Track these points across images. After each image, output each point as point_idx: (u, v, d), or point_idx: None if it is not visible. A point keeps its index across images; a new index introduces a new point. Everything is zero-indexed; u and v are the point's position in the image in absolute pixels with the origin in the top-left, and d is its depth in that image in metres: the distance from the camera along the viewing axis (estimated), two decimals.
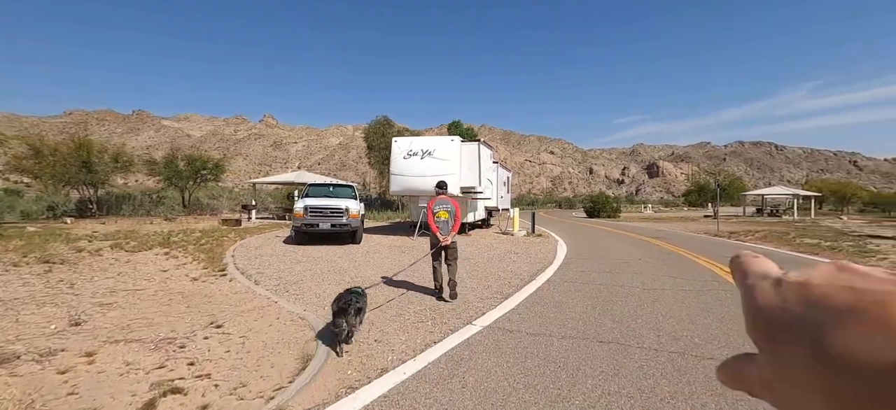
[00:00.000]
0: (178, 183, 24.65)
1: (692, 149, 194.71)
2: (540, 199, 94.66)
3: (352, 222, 11.53)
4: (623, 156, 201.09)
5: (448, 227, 5.77)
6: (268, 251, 10.15)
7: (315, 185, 13.59)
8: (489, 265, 8.83)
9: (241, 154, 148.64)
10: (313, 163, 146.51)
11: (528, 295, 6.11)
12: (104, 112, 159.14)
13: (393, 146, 14.50)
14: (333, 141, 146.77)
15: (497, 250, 11.31)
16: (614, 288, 6.56)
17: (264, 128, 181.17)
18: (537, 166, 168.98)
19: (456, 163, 13.74)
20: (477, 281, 7.11)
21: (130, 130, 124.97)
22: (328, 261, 8.86)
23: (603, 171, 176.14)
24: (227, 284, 6.54)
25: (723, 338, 4.17)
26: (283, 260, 8.92)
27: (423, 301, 5.74)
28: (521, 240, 13.96)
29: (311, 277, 7.14)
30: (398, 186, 14.20)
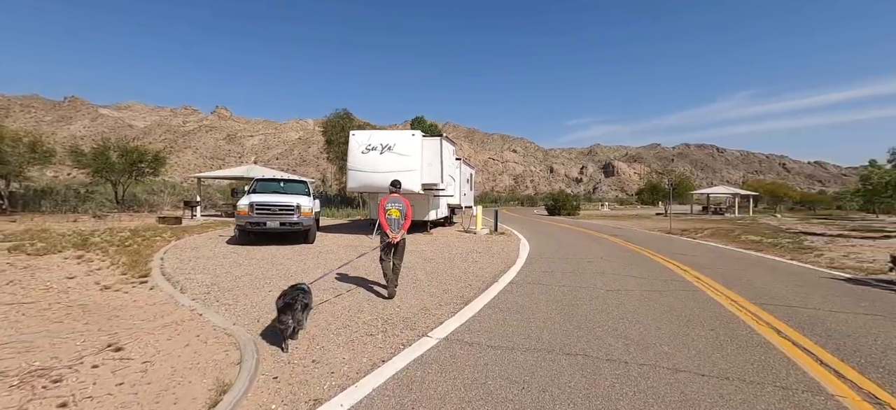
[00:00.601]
0: (110, 176, 22.25)
1: (644, 150, 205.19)
2: (503, 197, 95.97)
3: (304, 220, 10.68)
4: (581, 156, 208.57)
5: (398, 225, 5.82)
6: (206, 252, 9.13)
7: (264, 180, 12.52)
8: (450, 265, 8.39)
9: (191, 147, 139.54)
10: (271, 158, 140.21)
11: (490, 299, 5.70)
12: (30, 98, 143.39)
13: (350, 140, 13.71)
14: (293, 135, 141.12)
15: (459, 249, 10.91)
16: (578, 289, 6.31)
17: (217, 120, 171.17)
18: (500, 164, 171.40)
19: (417, 158, 13.19)
20: (436, 284, 6.62)
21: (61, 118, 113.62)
22: (274, 263, 8.04)
23: (563, 170, 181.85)
24: (146, 293, 5.63)
25: (691, 344, 3.95)
26: (221, 262, 7.99)
27: (375, 307, 5.18)
28: (484, 239, 13.67)
29: (250, 283, 6.34)
30: (356, 182, 13.44)
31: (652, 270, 8.14)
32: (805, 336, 4.24)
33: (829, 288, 6.78)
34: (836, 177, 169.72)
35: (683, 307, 5.31)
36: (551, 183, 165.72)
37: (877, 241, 14.75)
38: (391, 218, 5.82)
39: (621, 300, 5.67)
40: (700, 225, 21.87)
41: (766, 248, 12.46)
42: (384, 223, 5.81)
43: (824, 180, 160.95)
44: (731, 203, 45.43)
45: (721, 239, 14.97)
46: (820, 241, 14.63)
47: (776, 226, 22.15)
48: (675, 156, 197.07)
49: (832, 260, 10.09)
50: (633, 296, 5.87)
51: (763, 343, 4.02)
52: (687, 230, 18.70)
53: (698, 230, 18.74)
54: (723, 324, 4.57)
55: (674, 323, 4.63)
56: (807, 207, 50.31)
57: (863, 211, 37.85)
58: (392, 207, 5.88)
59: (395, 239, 5.73)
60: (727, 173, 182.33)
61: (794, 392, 2.99)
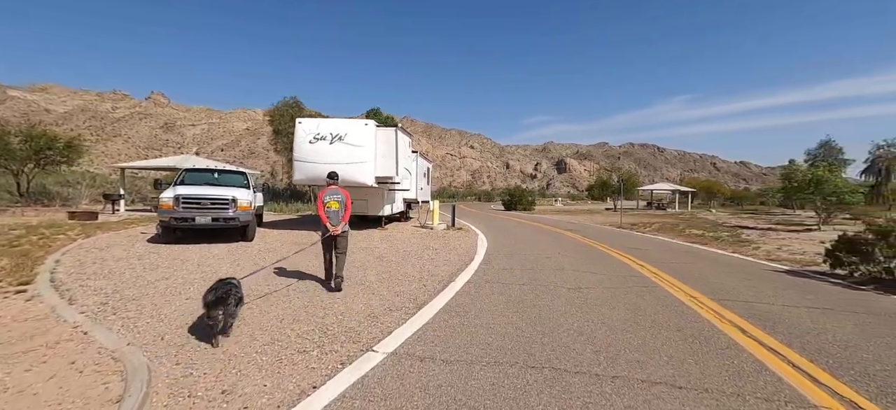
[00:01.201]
0: (9, 165, 19.22)
1: (594, 149, 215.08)
2: (460, 192, 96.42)
3: (241, 216, 9.55)
4: (536, 153, 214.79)
5: (339, 217, 5.80)
6: (117, 253, 7.83)
7: (194, 170, 11.10)
8: (404, 264, 7.78)
9: (121, 135, 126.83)
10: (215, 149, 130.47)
11: (445, 302, 5.18)
12: None
13: (297, 128, 12.59)
14: (240, 125, 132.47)
15: (414, 245, 10.31)
16: (540, 288, 5.96)
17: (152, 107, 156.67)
18: (458, 160, 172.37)
19: (370, 149, 12.38)
20: (387, 286, 6.00)
21: None
22: (201, 265, 7.00)
23: (518, 166, 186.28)
24: (20, 305, 4.51)
25: (662, 350, 3.66)
26: (132, 265, 6.82)
27: (314, 313, 4.47)
28: (441, 234, 13.17)
29: (164, 290, 5.36)
30: (302, 174, 12.38)
31: (610, 266, 8.03)
32: (769, 334, 4.11)
33: (774, 281, 6.97)
34: (758, 175, 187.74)
35: (647, 306, 5.09)
36: (507, 178, 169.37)
37: (800, 234, 16.04)
38: (331, 210, 5.78)
39: (584, 299, 5.38)
40: (647, 220, 22.87)
41: (710, 242, 13.03)
42: (323, 216, 5.76)
43: (748, 178, 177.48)
44: (671, 199, 48.54)
45: (668, 234, 15.57)
46: (754, 235, 15.66)
47: (713, 221, 23.69)
48: (621, 154, 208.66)
49: (769, 253, 10.65)
50: (595, 295, 5.60)
51: (731, 344, 3.83)
52: (636, 225, 19.39)
53: (646, 224, 19.50)
54: (689, 325, 4.36)
55: (641, 324, 4.36)
56: (735, 203, 54.96)
57: (782, 207, 41.91)
58: (331, 199, 5.83)
59: (335, 231, 5.69)
60: (667, 171, 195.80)
61: (777, 404, 2.74)
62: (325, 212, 5.77)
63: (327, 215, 5.76)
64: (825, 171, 17.90)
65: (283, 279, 6.18)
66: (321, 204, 5.82)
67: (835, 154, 39.25)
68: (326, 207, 5.79)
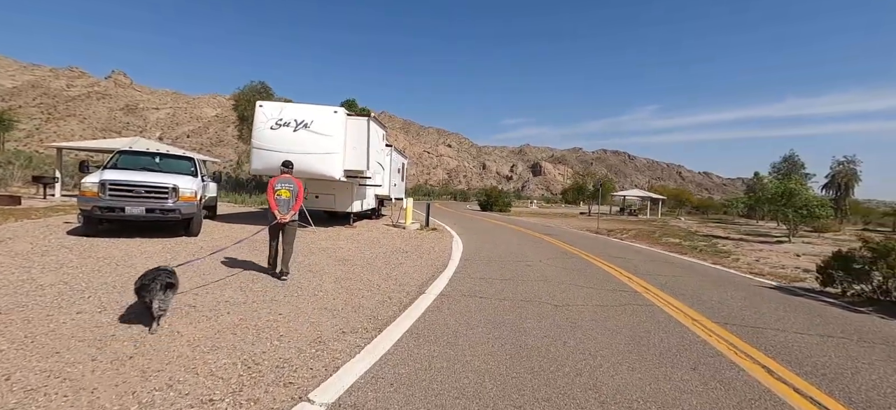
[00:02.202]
0: None
1: (568, 153, 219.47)
2: (436, 191, 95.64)
3: (182, 207, 8.27)
4: (512, 155, 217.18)
5: (288, 206, 5.79)
6: (20, 247, 6.47)
7: (130, 153, 9.63)
8: (369, 269, 6.83)
9: (76, 115, 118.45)
10: (180, 135, 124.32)
11: (412, 321, 4.29)
12: None
13: (257, 112, 11.33)
14: (209, 111, 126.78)
15: (384, 247, 9.36)
16: (522, 304, 5.16)
17: (112, 87, 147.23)
18: (435, 158, 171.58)
19: (339, 140, 11.30)
20: (346, 298, 5.04)
21: None
22: (123, 264, 5.78)
23: (495, 167, 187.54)
24: None
25: (684, 400, 2.92)
26: (30, 263, 5.54)
27: (243, 336, 3.48)
28: (414, 235, 12.25)
29: (56, 296, 4.19)
30: (261, 163, 11.15)
31: (596, 277, 7.37)
32: (801, 377, 3.46)
33: (770, 301, 6.47)
34: (720, 185, 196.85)
35: (648, 332, 4.39)
36: (484, 179, 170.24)
37: (773, 246, 16.13)
38: (281, 198, 5.78)
39: (575, 320, 4.62)
40: (622, 226, 22.75)
41: (689, 251, 12.74)
42: (272, 203, 5.74)
43: (710, 188, 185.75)
44: (641, 205, 49.52)
45: (646, 241, 15.28)
46: (729, 245, 15.60)
47: (686, 229, 23.88)
48: (594, 160, 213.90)
49: (751, 266, 10.37)
50: (586, 316, 4.86)
51: (764, 393, 3.13)
52: (613, 230, 19.13)
53: (622, 231, 19.28)
54: (703, 361, 3.66)
55: (647, 359, 3.62)
56: (701, 212, 56.78)
57: (746, 217, 43.42)
58: (282, 188, 5.83)
59: (283, 219, 5.69)
60: (636, 178, 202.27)
61: None
62: (274, 199, 5.76)
63: (276, 202, 5.74)
64: (797, 184, 18.22)
65: (217, 283, 5.10)
66: (271, 190, 5.81)
67: (797, 168, 41.01)
68: (277, 194, 5.78)
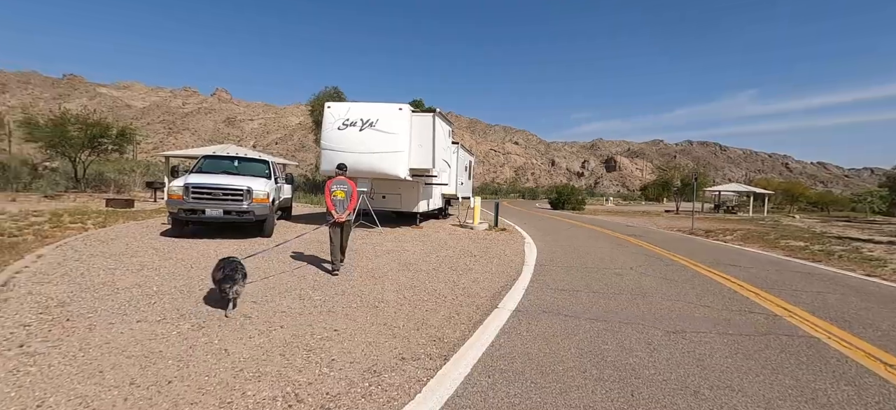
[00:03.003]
0: (67, 152, 20.01)
1: (646, 146, 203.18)
2: (503, 189, 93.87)
3: (257, 208, 8.45)
4: (583, 150, 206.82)
5: (344, 206, 6.13)
6: (116, 248, 6.93)
7: (213, 158, 10.19)
8: (435, 276, 6.21)
9: (189, 129, 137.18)
10: (270, 143, 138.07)
11: (485, 347, 3.53)
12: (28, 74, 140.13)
13: (325, 113, 11.44)
14: (293, 120, 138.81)
15: (451, 249, 8.73)
16: (623, 329, 4.13)
17: (216, 103, 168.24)
18: (502, 156, 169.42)
19: (404, 137, 10.95)
20: (408, 312, 4.44)
21: (59, 96, 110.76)
22: (196, 266, 5.85)
23: (564, 164, 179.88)
24: None
25: None
26: (118, 264, 5.80)
27: (289, 361, 3.00)
28: (482, 236, 11.49)
29: (125, 302, 4.17)
30: (329, 164, 11.15)
31: (710, 291, 5.96)
32: None
33: None
34: (839, 177, 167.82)
35: (827, 391, 3.13)
36: (553, 176, 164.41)
37: None
38: (337, 199, 6.14)
39: (701, 357, 3.49)
40: (722, 225, 19.68)
41: (824, 258, 10.28)
42: (330, 204, 6.11)
43: (827, 181, 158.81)
44: (738, 201, 43.31)
45: (758, 244, 12.80)
46: (878, 250, 12.47)
47: (807, 229, 19.97)
48: (677, 152, 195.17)
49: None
50: (717, 350, 3.68)
51: None
52: (711, 231, 16.50)
53: (724, 231, 16.54)
54: None
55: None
56: (820, 208, 48.10)
57: (883, 215, 35.76)
58: (338, 189, 6.19)
59: (340, 219, 6.05)
60: (730, 171, 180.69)
61: None
62: (331, 200, 6.12)
63: (333, 203, 6.10)
64: None
65: (279, 288, 4.82)
66: (328, 192, 6.19)
67: None
68: (333, 196, 6.14)
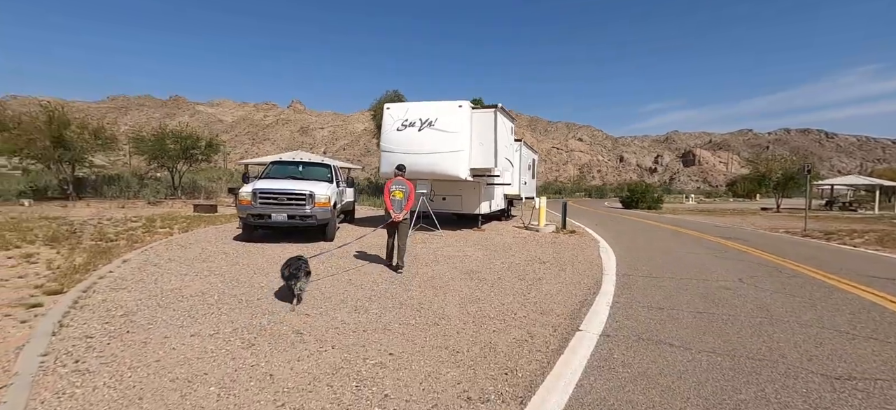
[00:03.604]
0: (166, 163, 22.44)
1: (731, 137, 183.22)
2: (568, 188, 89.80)
3: (318, 212, 8.44)
4: (656, 144, 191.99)
5: (401, 206, 6.25)
6: (192, 253, 7.24)
7: (279, 163, 10.48)
8: (502, 285, 5.56)
9: (269, 139, 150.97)
10: (338, 149, 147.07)
11: (572, 388, 2.81)
12: (144, 97, 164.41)
13: (384, 115, 11.32)
14: (359, 126, 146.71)
15: (517, 255, 8.00)
16: (760, 374, 3.15)
17: (292, 114, 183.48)
18: (565, 153, 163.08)
19: (464, 136, 10.42)
20: (472, 332, 3.85)
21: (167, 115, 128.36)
22: (259, 272, 5.82)
23: (634, 159, 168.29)
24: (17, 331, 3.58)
25: None
26: (190, 269, 5.95)
27: (333, 399, 2.56)
28: (550, 239, 10.57)
29: (185, 312, 4.11)
30: (389, 166, 10.94)
31: (871, 317, 4.59)
32: None
33: None
34: None
35: None
36: (621, 173, 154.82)
37: None
38: (395, 199, 6.31)
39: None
40: (843, 226, 16.44)
41: None
42: (389, 204, 6.32)
43: None
44: (855, 196, 36.72)
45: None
46: None
47: None
48: (771, 142, 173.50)
49: None
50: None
51: None
52: (832, 233, 13.75)
53: (849, 232, 13.71)
54: None
55: None
56: None
57: None
58: (396, 189, 6.38)
59: (397, 218, 6.22)
60: (840, 161, 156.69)
61: None
62: (389, 200, 6.34)
63: (391, 203, 6.31)
64: None
65: (333, 296, 4.51)
66: (387, 193, 6.41)
67: None
68: (392, 196, 6.35)
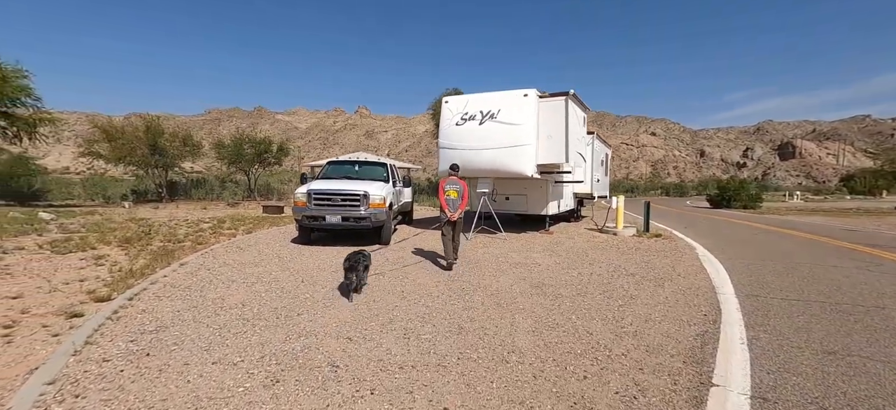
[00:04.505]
0: (242, 167, 24.00)
1: (843, 125, 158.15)
2: (641, 186, 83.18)
3: (373, 214, 7.88)
4: (744, 136, 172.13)
5: (456, 205, 6.32)
6: (248, 257, 7.05)
7: (336, 163, 10.17)
8: (583, 306, 4.44)
9: (338, 143, 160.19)
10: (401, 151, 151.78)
11: None
12: (233, 110, 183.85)
13: (443, 109, 10.54)
14: (420, 128, 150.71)
15: (596, 264, 6.75)
16: None
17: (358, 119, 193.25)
18: (635, 149, 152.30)
19: (530, 128, 9.31)
20: (553, 374, 2.84)
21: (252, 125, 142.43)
22: (304, 282, 5.34)
23: (718, 153, 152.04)
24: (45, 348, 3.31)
25: None
26: (242, 274, 5.65)
27: None
28: (632, 244, 9.06)
29: (224, 326, 3.63)
30: (447, 164, 10.13)
31: None
32: None
33: None
34: None
35: None
36: (702, 169, 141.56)
37: None
38: (450, 198, 6.36)
39: None
40: None
41: None
42: (443, 203, 6.35)
43: None
44: None
45: None
46: None
47: None
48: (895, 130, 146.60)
49: None
50: None
51: None
52: None
53: None
54: None
55: None
56: None
57: None
58: (451, 189, 6.41)
59: (453, 217, 6.28)
60: None
61: None
62: (444, 199, 6.36)
63: (446, 202, 6.33)
64: None
65: (381, 313, 3.77)
66: (441, 192, 6.44)
67: None
68: (446, 195, 6.37)
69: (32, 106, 15.32)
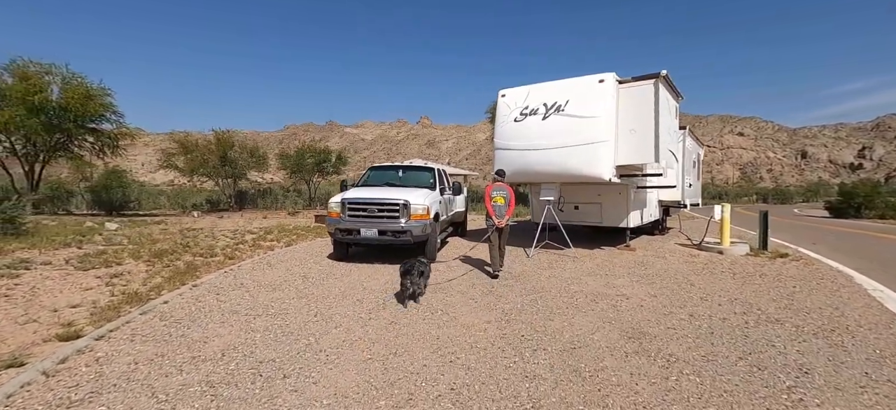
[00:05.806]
0: (302, 176, 24.48)
1: None
2: (731, 191, 74.03)
3: (414, 226, 6.63)
4: (858, 133, 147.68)
5: (502, 212, 6.17)
6: (270, 277, 6.17)
7: (379, 169, 9.09)
8: (717, 380, 2.71)
9: (401, 153, 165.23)
10: (461, 159, 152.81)
11: None
12: (308, 124, 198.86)
13: (499, 103, 9.02)
14: (480, 136, 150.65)
15: (712, 301, 4.81)
16: None
17: (420, 129, 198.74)
18: (719, 152, 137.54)
19: (606, 121, 7.50)
20: None
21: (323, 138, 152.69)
22: (324, 319, 4.21)
23: (825, 154, 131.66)
24: None
25: None
26: (269, 298, 4.69)
27: None
28: (751, 268, 6.78)
29: (202, 389, 2.56)
30: (503, 165, 8.68)
31: None
32: None
33: None
34: None
35: None
36: (805, 171, 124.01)
37: None
38: (497, 205, 6.20)
39: None
40: None
41: None
42: (490, 209, 6.21)
43: None
44: None
45: None
46: None
47: None
48: None
49: None
50: None
51: None
52: None
53: None
54: None
55: None
56: None
57: None
58: (497, 195, 6.26)
59: (500, 224, 6.12)
60: None
61: None
62: (491, 206, 6.21)
63: (493, 208, 6.18)
64: None
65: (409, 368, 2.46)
66: (488, 198, 6.30)
67: None
68: (493, 201, 6.23)
69: (116, 122, 16.62)
